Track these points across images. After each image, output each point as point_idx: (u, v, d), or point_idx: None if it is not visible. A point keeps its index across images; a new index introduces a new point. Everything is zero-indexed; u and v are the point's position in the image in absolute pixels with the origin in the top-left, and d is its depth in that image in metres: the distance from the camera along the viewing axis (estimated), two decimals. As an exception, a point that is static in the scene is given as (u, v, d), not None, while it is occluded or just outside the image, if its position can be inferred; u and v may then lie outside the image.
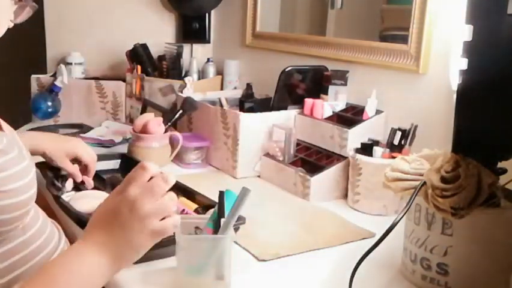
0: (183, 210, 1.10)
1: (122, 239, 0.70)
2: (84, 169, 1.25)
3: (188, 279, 0.87)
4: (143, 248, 0.72)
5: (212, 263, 0.86)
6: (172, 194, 0.73)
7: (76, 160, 1.24)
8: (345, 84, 1.45)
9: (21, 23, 0.85)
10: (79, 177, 1.23)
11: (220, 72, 2.04)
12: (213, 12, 2.17)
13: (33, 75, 1.95)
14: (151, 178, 0.73)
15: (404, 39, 1.32)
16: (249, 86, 1.62)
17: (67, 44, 2.07)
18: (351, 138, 1.30)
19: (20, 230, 0.80)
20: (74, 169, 1.23)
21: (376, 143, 1.24)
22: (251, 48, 1.95)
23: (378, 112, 1.37)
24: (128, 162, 1.41)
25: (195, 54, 2.15)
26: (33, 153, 1.16)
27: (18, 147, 0.84)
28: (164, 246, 0.94)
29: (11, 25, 0.84)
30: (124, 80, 1.96)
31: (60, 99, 1.92)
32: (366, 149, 1.24)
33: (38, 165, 1.28)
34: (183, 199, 1.16)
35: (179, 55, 1.97)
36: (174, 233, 0.79)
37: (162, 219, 0.72)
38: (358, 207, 1.25)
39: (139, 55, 1.96)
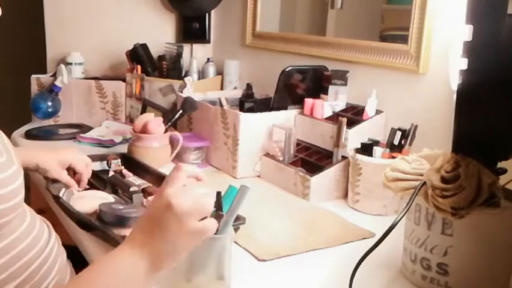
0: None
1: (161, 240, 0.70)
2: (79, 177, 1.24)
3: (189, 279, 0.87)
4: (183, 248, 0.72)
5: (212, 262, 0.86)
6: (209, 193, 0.73)
7: (70, 169, 1.23)
8: (345, 84, 1.45)
9: (22, 23, 0.83)
10: (75, 187, 1.21)
11: (220, 72, 2.04)
12: (213, 12, 2.17)
13: (33, 75, 1.95)
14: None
15: (404, 39, 1.32)
16: (249, 86, 1.62)
17: (66, 44, 2.07)
18: (351, 138, 1.30)
19: (5, 232, 0.79)
20: (69, 179, 1.21)
21: (376, 143, 1.24)
22: (251, 48, 1.95)
23: (378, 112, 1.37)
24: (128, 162, 1.41)
25: (195, 54, 2.15)
26: (25, 168, 1.12)
27: (6, 152, 0.82)
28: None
29: None
30: (124, 80, 1.96)
31: (60, 99, 1.92)
32: (366, 149, 1.24)
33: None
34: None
35: (179, 55, 1.97)
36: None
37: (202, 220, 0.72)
38: (358, 207, 1.25)
39: (139, 55, 1.96)
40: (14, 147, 0.91)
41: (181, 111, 1.58)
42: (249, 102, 1.59)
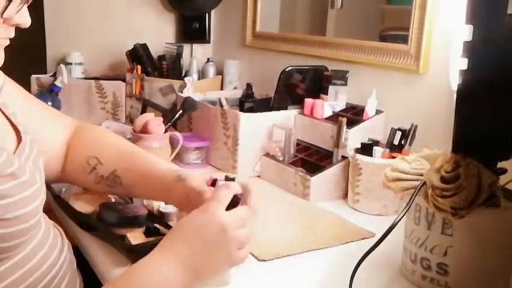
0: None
1: (205, 258, 0.71)
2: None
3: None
4: (220, 271, 0.74)
5: None
6: (250, 228, 0.76)
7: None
8: (345, 84, 1.45)
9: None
10: None
11: (220, 72, 2.04)
12: (213, 12, 2.17)
13: (33, 75, 1.95)
14: (235, 197, 0.77)
15: (404, 39, 1.32)
16: (249, 86, 1.62)
17: (66, 44, 2.07)
18: (351, 138, 1.30)
19: (18, 250, 0.75)
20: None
21: (376, 143, 1.24)
22: (251, 48, 1.95)
23: (378, 112, 1.37)
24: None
25: (195, 54, 2.15)
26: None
27: (31, 169, 0.77)
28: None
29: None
30: (124, 80, 1.96)
31: (60, 99, 1.92)
32: (366, 149, 1.24)
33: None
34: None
35: (179, 55, 1.97)
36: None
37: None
38: (358, 207, 1.25)
39: (139, 55, 1.96)
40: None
41: (181, 111, 1.58)
42: (249, 102, 1.59)
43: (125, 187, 0.99)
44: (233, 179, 0.85)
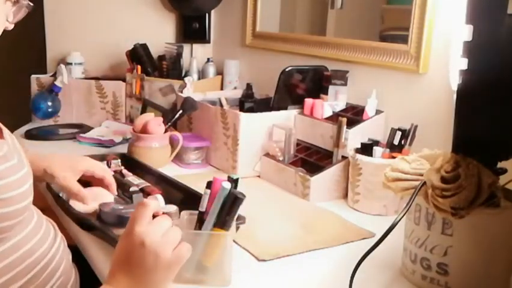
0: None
1: (145, 275, 0.71)
2: (100, 183, 1.12)
3: (188, 279, 0.87)
4: (164, 282, 0.73)
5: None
6: (177, 228, 0.75)
7: (85, 182, 1.12)
8: (345, 84, 1.45)
9: (22, 23, 0.84)
10: (85, 199, 1.06)
11: (220, 72, 2.04)
12: (213, 12, 2.17)
13: (33, 75, 1.95)
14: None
15: (404, 39, 1.32)
16: (249, 86, 1.62)
17: (66, 44, 2.07)
18: (351, 138, 1.30)
19: (12, 233, 0.79)
20: (80, 189, 1.06)
21: (376, 143, 1.24)
22: (251, 48, 1.95)
23: (378, 112, 1.37)
24: (128, 162, 1.42)
25: (195, 54, 2.15)
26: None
27: (18, 154, 0.83)
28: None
29: (10, 27, 0.82)
30: (124, 80, 1.96)
31: (60, 99, 1.92)
32: (366, 149, 1.24)
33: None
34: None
35: (179, 55, 1.97)
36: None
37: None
38: (358, 207, 1.25)
39: (139, 55, 1.96)
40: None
41: (181, 111, 1.58)
42: (249, 102, 1.59)
43: None
44: (236, 180, 0.85)
